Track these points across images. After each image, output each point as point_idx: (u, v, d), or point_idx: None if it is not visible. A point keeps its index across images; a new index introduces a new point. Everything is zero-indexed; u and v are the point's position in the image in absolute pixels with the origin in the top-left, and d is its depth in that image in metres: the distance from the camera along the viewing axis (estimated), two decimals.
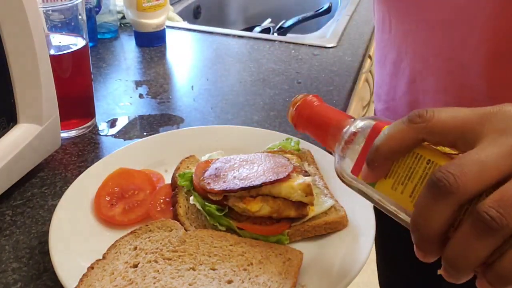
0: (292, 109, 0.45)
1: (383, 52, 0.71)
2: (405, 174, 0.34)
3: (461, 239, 0.30)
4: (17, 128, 0.58)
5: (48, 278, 0.49)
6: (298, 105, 0.45)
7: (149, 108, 0.81)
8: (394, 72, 0.68)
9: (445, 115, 0.33)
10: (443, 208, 0.30)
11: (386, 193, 0.35)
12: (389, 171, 0.35)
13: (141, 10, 1.01)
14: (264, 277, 0.46)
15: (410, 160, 0.34)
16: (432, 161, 0.33)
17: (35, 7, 0.55)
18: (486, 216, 0.28)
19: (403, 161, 0.34)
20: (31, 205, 0.59)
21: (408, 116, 0.34)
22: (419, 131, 0.33)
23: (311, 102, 0.44)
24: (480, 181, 0.29)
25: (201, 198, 0.53)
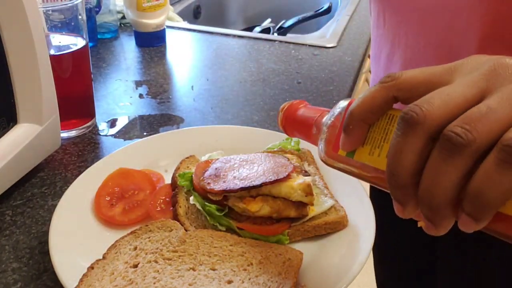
0: (281, 114, 0.47)
1: (378, 48, 0.71)
2: (380, 137, 0.34)
3: (430, 165, 0.29)
4: (17, 128, 0.58)
5: (48, 278, 0.49)
6: (285, 109, 0.47)
7: (149, 108, 0.81)
8: (387, 66, 0.69)
9: (413, 72, 0.33)
10: (413, 141, 0.29)
11: (365, 160, 0.35)
12: (365, 138, 0.35)
13: (141, 10, 1.01)
14: (264, 277, 0.46)
15: (384, 122, 0.34)
16: None
17: (35, 7, 0.55)
18: (451, 134, 0.28)
19: (377, 125, 0.35)
20: (31, 205, 0.59)
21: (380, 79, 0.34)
22: (389, 89, 0.33)
23: (296, 105, 0.47)
24: (446, 109, 0.29)
25: (201, 198, 0.53)
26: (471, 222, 0.28)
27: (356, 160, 0.36)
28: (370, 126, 0.35)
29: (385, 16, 0.66)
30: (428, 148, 0.29)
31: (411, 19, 0.61)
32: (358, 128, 0.35)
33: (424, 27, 0.59)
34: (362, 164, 0.36)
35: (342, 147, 0.36)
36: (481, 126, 0.27)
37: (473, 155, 0.27)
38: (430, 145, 0.29)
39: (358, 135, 0.35)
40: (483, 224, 0.28)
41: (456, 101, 0.29)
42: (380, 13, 0.67)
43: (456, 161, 0.28)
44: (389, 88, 0.33)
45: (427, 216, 0.30)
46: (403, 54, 0.64)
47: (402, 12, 0.63)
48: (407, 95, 0.33)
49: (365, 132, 0.35)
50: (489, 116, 0.27)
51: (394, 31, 0.65)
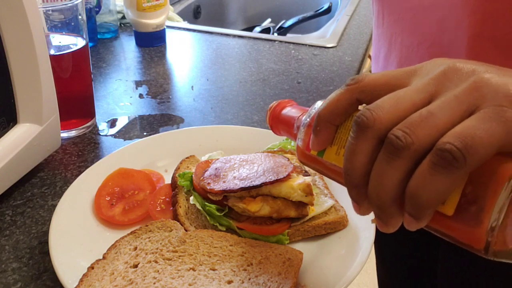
0: (268, 112, 0.49)
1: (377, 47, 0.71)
2: (345, 137, 0.36)
3: (376, 167, 0.30)
4: (17, 128, 0.58)
5: (48, 278, 0.49)
6: (272, 109, 0.49)
7: (149, 108, 0.81)
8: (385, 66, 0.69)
9: (376, 75, 0.34)
10: (363, 144, 0.31)
11: (332, 159, 0.37)
12: (333, 138, 0.37)
13: (141, 10, 1.01)
14: (264, 277, 0.46)
15: (349, 123, 0.36)
16: None
17: (35, 7, 0.55)
18: (392, 137, 0.29)
19: (344, 126, 0.36)
20: (31, 205, 0.59)
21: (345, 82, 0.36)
22: (352, 92, 0.34)
23: (283, 104, 0.48)
24: (394, 113, 0.30)
25: (201, 198, 0.53)
26: (412, 221, 0.30)
27: (325, 160, 0.38)
28: (337, 127, 0.37)
29: (384, 15, 0.66)
30: (377, 150, 0.31)
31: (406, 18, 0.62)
32: (325, 129, 0.36)
33: (417, 25, 0.60)
34: (330, 164, 0.37)
35: (311, 147, 0.38)
36: (420, 130, 0.29)
37: (412, 158, 0.29)
38: (379, 148, 0.31)
39: (325, 135, 0.37)
40: (423, 223, 0.30)
41: (404, 105, 0.30)
42: (379, 12, 0.68)
43: (396, 162, 0.29)
44: (352, 90, 0.35)
45: (376, 213, 0.32)
46: (399, 53, 0.65)
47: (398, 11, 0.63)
48: (369, 97, 0.34)
49: (333, 133, 0.37)
50: (428, 120, 0.29)
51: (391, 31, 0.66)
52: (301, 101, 0.83)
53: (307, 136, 0.40)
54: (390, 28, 0.66)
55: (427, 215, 0.29)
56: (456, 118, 0.29)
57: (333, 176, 0.39)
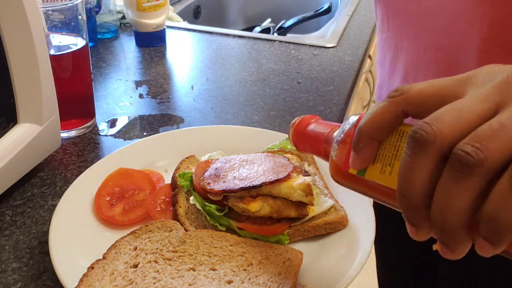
0: (291, 129, 0.46)
1: (382, 52, 0.71)
2: (391, 154, 0.33)
3: (441, 187, 0.27)
4: (17, 128, 0.58)
5: (48, 278, 0.49)
6: (296, 125, 0.45)
7: (149, 108, 0.81)
8: (391, 71, 0.69)
9: (422, 85, 0.32)
10: (424, 161, 0.28)
11: (376, 178, 0.34)
12: (375, 155, 0.34)
13: (141, 10, 1.01)
14: (264, 277, 0.46)
15: (394, 139, 0.33)
16: None
17: (35, 7, 0.55)
18: (461, 153, 0.26)
19: (388, 142, 0.33)
20: (31, 205, 0.59)
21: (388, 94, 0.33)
22: (398, 104, 0.32)
23: (307, 120, 0.45)
24: (458, 126, 0.27)
25: (201, 198, 0.53)
26: (488, 247, 0.27)
27: (367, 179, 0.35)
28: (380, 143, 0.34)
29: (389, 20, 0.66)
30: (439, 168, 0.28)
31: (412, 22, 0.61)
32: (367, 146, 0.33)
33: (424, 30, 0.59)
34: (373, 183, 0.34)
35: (352, 166, 0.35)
36: (493, 144, 0.26)
37: (486, 175, 0.26)
38: (441, 165, 0.28)
39: (368, 153, 0.34)
40: (501, 248, 0.27)
41: (467, 117, 0.28)
42: (384, 17, 0.67)
43: (467, 182, 0.26)
44: (398, 103, 0.32)
45: (441, 239, 0.28)
46: (405, 58, 0.64)
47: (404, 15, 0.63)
48: (417, 110, 0.31)
49: (376, 150, 0.34)
50: (501, 134, 0.26)
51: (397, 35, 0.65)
52: (301, 101, 0.83)
53: (342, 153, 0.37)
54: (396, 33, 0.65)
55: (508, 239, 0.26)
56: None
57: (377, 196, 0.35)
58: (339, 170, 0.37)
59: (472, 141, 0.26)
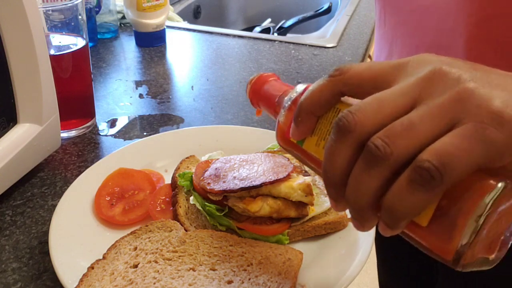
0: (249, 86, 0.47)
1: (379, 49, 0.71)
2: (326, 129, 0.35)
3: (354, 173, 0.30)
4: (17, 128, 0.58)
5: (48, 278, 0.49)
6: (253, 82, 0.47)
7: (149, 108, 0.81)
8: None
9: (361, 67, 0.34)
10: (344, 147, 0.31)
11: (312, 150, 0.37)
12: (313, 128, 0.36)
13: (141, 10, 1.01)
14: (264, 277, 0.46)
15: (331, 115, 0.35)
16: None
17: (35, 7, 0.55)
18: (371, 146, 0.29)
19: (325, 117, 0.36)
20: (31, 205, 0.59)
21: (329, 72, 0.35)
22: (336, 83, 0.34)
23: (265, 78, 0.46)
24: (376, 118, 0.30)
25: (201, 198, 0.53)
26: (387, 229, 0.30)
27: (304, 149, 0.37)
28: (318, 117, 0.36)
29: (386, 17, 0.66)
30: (356, 154, 0.31)
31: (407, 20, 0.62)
32: (306, 120, 0.36)
33: (417, 27, 0.60)
34: (309, 153, 0.37)
35: (292, 136, 0.38)
36: (399, 141, 0.28)
37: (390, 168, 0.29)
38: (359, 151, 0.30)
39: (306, 126, 0.36)
40: (397, 232, 0.31)
41: (386, 110, 0.30)
42: (382, 14, 0.68)
43: (374, 171, 0.29)
44: (336, 82, 0.34)
45: (352, 215, 0.32)
46: (400, 54, 0.65)
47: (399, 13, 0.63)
48: (354, 90, 0.34)
49: (314, 123, 0.36)
50: (409, 131, 0.29)
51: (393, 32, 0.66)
52: None
53: (287, 119, 0.39)
54: (392, 30, 0.66)
55: (402, 225, 0.30)
56: (437, 131, 0.29)
57: (311, 165, 0.38)
58: (283, 135, 0.40)
59: (383, 136, 0.29)
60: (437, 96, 0.30)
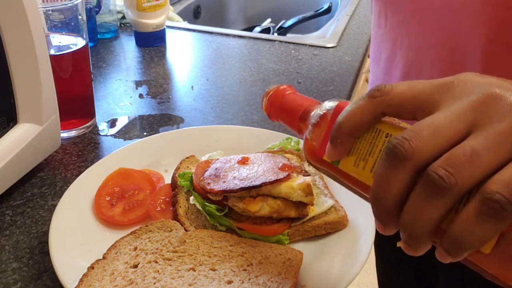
0: (265, 99, 0.46)
1: (378, 48, 0.71)
2: (366, 150, 0.34)
3: (413, 201, 0.29)
4: (17, 128, 0.58)
5: (48, 278, 0.49)
6: (271, 95, 0.45)
7: (149, 108, 0.81)
8: (388, 68, 0.68)
9: (403, 87, 0.33)
10: (400, 175, 0.30)
11: (349, 170, 0.35)
12: (351, 148, 0.35)
13: (141, 10, 1.01)
14: (264, 277, 0.46)
15: (370, 136, 0.34)
16: (391, 134, 0.33)
17: (35, 7, 0.55)
18: (434, 176, 0.28)
19: (364, 138, 0.34)
20: (31, 205, 0.59)
21: (368, 92, 0.34)
22: (378, 105, 0.33)
23: (283, 91, 0.45)
24: (434, 144, 0.29)
25: (201, 198, 0.53)
26: (448, 257, 0.30)
27: (341, 169, 0.36)
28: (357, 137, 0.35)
29: (387, 16, 0.66)
30: (413, 180, 0.30)
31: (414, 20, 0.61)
32: (345, 141, 0.35)
33: (427, 28, 0.59)
34: (346, 174, 0.36)
35: (328, 156, 0.36)
36: (464, 171, 0.28)
37: (454, 198, 0.28)
38: (415, 178, 0.30)
39: (345, 147, 0.35)
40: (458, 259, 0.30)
41: (444, 137, 0.29)
42: (382, 12, 0.67)
43: (437, 201, 0.28)
44: (378, 103, 0.33)
45: (406, 241, 0.31)
46: (405, 55, 0.64)
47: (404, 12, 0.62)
48: (396, 111, 0.33)
49: (352, 144, 0.35)
50: (473, 160, 0.28)
51: (395, 32, 0.65)
52: None
53: (317, 136, 0.38)
54: (395, 29, 0.65)
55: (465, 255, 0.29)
56: (501, 159, 0.28)
57: (348, 185, 0.37)
58: (314, 153, 0.38)
59: (445, 165, 0.28)
60: (495, 122, 0.29)
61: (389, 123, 0.34)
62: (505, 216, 0.27)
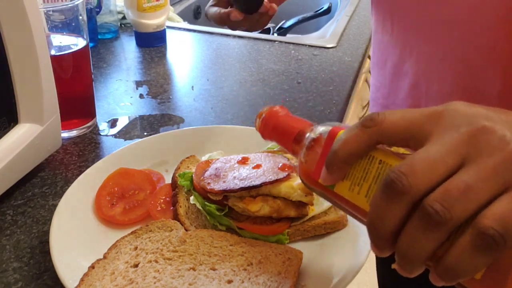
0: (259, 120, 0.47)
1: (383, 54, 0.70)
2: (360, 175, 0.36)
3: (409, 233, 0.31)
4: (18, 128, 0.58)
5: (49, 277, 0.49)
6: (264, 116, 0.46)
7: (149, 108, 0.81)
8: (395, 75, 0.67)
9: (395, 117, 0.34)
10: (397, 208, 0.31)
11: (344, 194, 0.37)
12: (346, 174, 0.37)
13: (141, 11, 1.01)
14: (264, 277, 0.46)
15: (364, 162, 0.36)
16: (384, 161, 0.35)
17: (35, 8, 0.55)
18: (430, 210, 0.29)
19: (358, 163, 0.36)
20: (32, 205, 0.59)
21: (361, 120, 0.35)
22: (372, 134, 0.34)
23: (276, 113, 0.46)
24: (430, 179, 0.31)
25: (201, 198, 0.54)
26: (440, 282, 0.32)
27: (335, 192, 0.38)
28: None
29: (393, 22, 0.64)
30: (409, 211, 0.31)
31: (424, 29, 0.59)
32: (340, 169, 0.36)
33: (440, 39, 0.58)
34: (341, 197, 0.38)
35: (323, 181, 0.38)
36: (458, 205, 0.29)
37: (448, 231, 0.30)
38: (411, 209, 0.31)
39: (340, 173, 0.37)
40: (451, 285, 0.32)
41: (439, 171, 0.31)
42: (387, 18, 0.65)
43: (432, 233, 0.30)
44: (371, 134, 0.34)
45: (401, 266, 0.33)
46: (415, 63, 0.63)
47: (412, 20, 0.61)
48: (389, 141, 0.34)
49: (347, 170, 0.37)
50: (467, 195, 0.29)
51: (403, 39, 0.64)
52: (301, 101, 0.83)
53: (311, 159, 0.39)
54: (402, 36, 0.64)
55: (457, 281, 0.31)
56: (492, 193, 0.30)
57: (343, 207, 0.39)
58: (308, 176, 0.40)
59: (441, 200, 0.30)
60: (486, 155, 0.30)
61: (383, 149, 0.36)
62: (497, 249, 0.29)
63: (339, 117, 0.79)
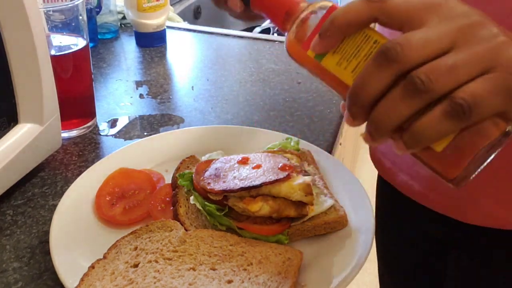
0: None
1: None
2: (351, 51, 0.36)
3: (390, 97, 0.33)
4: (18, 128, 0.58)
5: (49, 277, 0.49)
6: None
7: (149, 108, 0.81)
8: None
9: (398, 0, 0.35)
10: (383, 76, 0.33)
11: (331, 68, 0.38)
12: (337, 45, 0.37)
13: (141, 11, 1.01)
14: (264, 276, 0.46)
15: (358, 39, 0.36)
16: (379, 42, 0.36)
17: (35, 8, 0.55)
18: (416, 79, 0.32)
19: (352, 39, 0.37)
20: (32, 205, 0.59)
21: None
22: (374, 9, 0.35)
23: None
24: (422, 54, 0.32)
25: (201, 198, 0.54)
26: (405, 149, 0.34)
27: (322, 66, 0.38)
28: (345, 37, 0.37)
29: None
30: (393, 82, 0.33)
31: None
32: (334, 36, 0.37)
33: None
34: (327, 71, 0.38)
35: (313, 49, 0.38)
36: (442, 79, 0.32)
37: (427, 101, 0.32)
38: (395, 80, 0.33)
39: (332, 41, 0.37)
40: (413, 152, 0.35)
41: (431, 49, 0.33)
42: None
43: (412, 101, 0.32)
44: (373, 8, 0.35)
45: (370, 132, 0.35)
46: None
47: None
48: (387, 20, 0.35)
49: (339, 41, 0.37)
50: (452, 72, 0.32)
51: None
52: (301, 101, 0.83)
53: (303, 32, 0.39)
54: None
55: (420, 148, 0.33)
56: (473, 74, 0.32)
57: (326, 81, 0.39)
58: (297, 48, 0.40)
59: (428, 72, 0.32)
60: (475, 43, 0.33)
61: (378, 32, 0.37)
62: (463, 117, 0.31)
63: (339, 117, 0.79)
